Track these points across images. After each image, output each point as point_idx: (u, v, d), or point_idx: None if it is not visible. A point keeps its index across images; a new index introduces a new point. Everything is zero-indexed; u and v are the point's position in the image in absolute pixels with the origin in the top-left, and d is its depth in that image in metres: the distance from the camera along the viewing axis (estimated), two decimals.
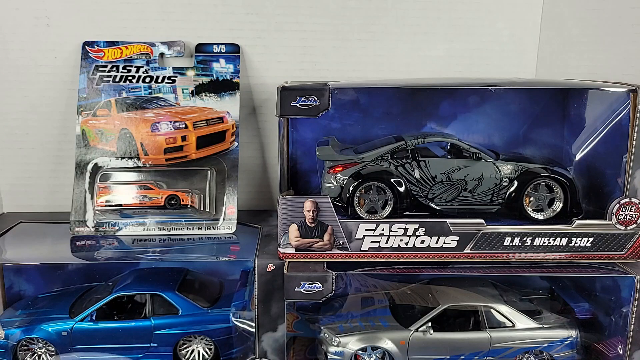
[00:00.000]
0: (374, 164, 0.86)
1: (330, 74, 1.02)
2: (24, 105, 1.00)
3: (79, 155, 0.95)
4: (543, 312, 0.92)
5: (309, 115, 0.79)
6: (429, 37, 1.03)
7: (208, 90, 0.98)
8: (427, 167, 0.86)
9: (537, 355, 0.90)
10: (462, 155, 0.87)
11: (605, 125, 0.85)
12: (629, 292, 0.82)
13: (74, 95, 0.97)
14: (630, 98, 0.78)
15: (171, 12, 0.99)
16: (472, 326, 0.89)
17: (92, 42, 0.97)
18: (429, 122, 0.96)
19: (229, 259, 0.90)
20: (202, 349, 0.92)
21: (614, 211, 0.81)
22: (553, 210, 0.85)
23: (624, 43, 0.95)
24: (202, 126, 0.95)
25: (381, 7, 1.01)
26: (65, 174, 1.00)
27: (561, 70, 1.04)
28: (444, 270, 0.83)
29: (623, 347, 0.83)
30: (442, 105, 0.95)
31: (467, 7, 1.03)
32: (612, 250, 0.82)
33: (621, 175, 0.81)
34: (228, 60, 0.98)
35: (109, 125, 0.95)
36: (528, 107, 0.96)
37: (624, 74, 0.93)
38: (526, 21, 1.04)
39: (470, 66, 1.05)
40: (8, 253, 0.90)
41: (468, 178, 0.86)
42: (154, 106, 0.96)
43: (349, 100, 0.94)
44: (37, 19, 0.97)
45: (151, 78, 0.97)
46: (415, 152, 0.87)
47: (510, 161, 0.87)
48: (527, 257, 0.83)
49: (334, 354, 0.87)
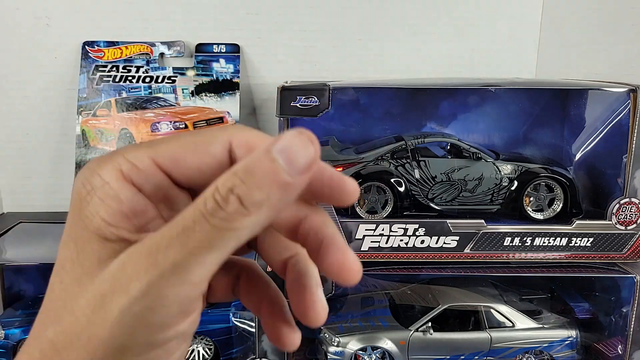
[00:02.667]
0: (374, 164, 0.86)
1: (330, 74, 1.02)
2: (24, 105, 1.00)
3: (79, 155, 0.94)
4: (543, 312, 0.91)
5: (309, 115, 0.79)
6: (429, 37, 1.03)
7: (208, 90, 0.98)
8: (427, 167, 0.86)
9: (537, 355, 0.90)
10: (462, 155, 0.87)
11: (605, 125, 0.85)
12: (629, 292, 0.82)
13: (74, 95, 0.97)
14: (630, 98, 0.78)
15: (171, 12, 0.99)
16: (472, 326, 0.89)
17: (92, 42, 0.97)
18: (429, 122, 0.96)
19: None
20: (202, 349, 0.92)
21: (614, 211, 0.81)
22: (553, 210, 0.85)
23: (624, 43, 0.95)
24: (202, 126, 0.95)
25: (381, 7, 1.01)
26: (65, 174, 1.00)
27: (561, 70, 1.04)
28: (444, 270, 0.83)
29: (623, 347, 0.83)
30: (442, 105, 0.95)
31: (467, 7, 1.03)
32: (612, 250, 0.82)
33: (621, 175, 0.81)
34: (228, 60, 0.98)
35: (109, 125, 0.95)
36: (528, 107, 0.96)
37: (624, 74, 0.93)
38: (526, 21, 1.04)
39: (470, 66, 1.05)
40: (8, 253, 0.90)
41: (468, 178, 0.86)
42: (154, 106, 0.96)
43: (349, 100, 0.94)
44: (37, 19, 0.97)
45: (151, 78, 0.97)
46: (415, 152, 0.87)
47: (510, 161, 0.87)
48: (527, 257, 0.83)
49: (334, 354, 0.87)
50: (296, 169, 0.25)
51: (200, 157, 0.27)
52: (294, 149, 0.25)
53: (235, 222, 0.24)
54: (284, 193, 0.25)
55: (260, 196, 0.24)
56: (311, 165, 0.25)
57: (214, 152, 0.28)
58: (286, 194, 0.25)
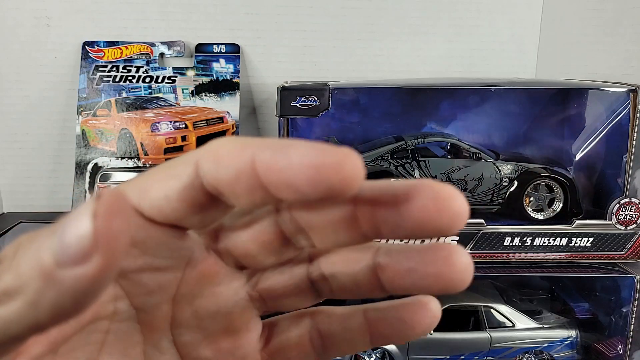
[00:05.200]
0: (374, 164, 0.86)
1: (330, 74, 1.02)
2: (24, 105, 1.00)
3: (79, 155, 0.94)
4: (543, 312, 0.91)
5: (309, 115, 0.79)
6: (429, 37, 1.03)
7: (208, 90, 0.98)
8: (427, 167, 0.86)
9: (537, 355, 0.90)
10: (462, 155, 0.87)
11: (605, 125, 0.85)
12: (629, 292, 0.82)
13: (74, 95, 0.97)
14: (630, 98, 0.79)
15: (171, 12, 0.99)
16: (472, 326, 0.89)
17: (92, 42, 0.97)
18: (429, 122, 0.96)
19: None
20: None
21: (614, 211, 0.81)
22: (553, 210, 0.85)
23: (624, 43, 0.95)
24: (202, 126, 0.95)
25: (381, 7, 1.01)
26: (65, 174, 1.00)
27: (561, 70, 1.04)
28: None
29: (623, 347, 0.83)
30: (442, 105, 0.95)
31: (467, 7, 1.03)
32: (612, 250, 0.82)
33: (621, 175, 0.81)
34: (228, 60, 0.98)
35: (109, 125, 0.95)
36: (528, 107, 0.96)
37: (624, 74, 0.93)
38: (526, 21, 1.04)
39: (470, 66, 1.05)
40: None
41: (468, 178, 0.86)
42: (154, 106, 0.96)
43: (349, 100, 0.94)
44: (37, 19, 0.97)
45: (151, 78, 0.97)
46: (415, 152, 0.87)
47: (510, 161, 0.87)
48: (527, 257, 0.83)
49: None
50: (67, 254, 0.16)
51: (166, 182, 0.22)
52: (70, 223, 0.17)
53: None
54: (47, 287, 0.17)
55: (15, 282, 0.17)
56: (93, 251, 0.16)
57: (179, 174, 0.22)
58: (53, 290, 0.17)
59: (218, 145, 0.21)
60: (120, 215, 0.16)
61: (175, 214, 0.22)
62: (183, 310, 0.25)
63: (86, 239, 0.16)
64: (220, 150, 0.21)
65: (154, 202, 0.22)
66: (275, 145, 0.20)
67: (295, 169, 0.19)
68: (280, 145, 0.19)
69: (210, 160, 0.21)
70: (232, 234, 0.25)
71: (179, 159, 0.22)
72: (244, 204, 0.21)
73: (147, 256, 0.23)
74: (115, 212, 0.16)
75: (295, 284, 0.26)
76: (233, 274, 0.26)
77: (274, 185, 0.19)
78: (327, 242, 0.23)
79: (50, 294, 0.17)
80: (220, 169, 0.20)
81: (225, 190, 0.20)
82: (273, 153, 0.19)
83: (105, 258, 0.16)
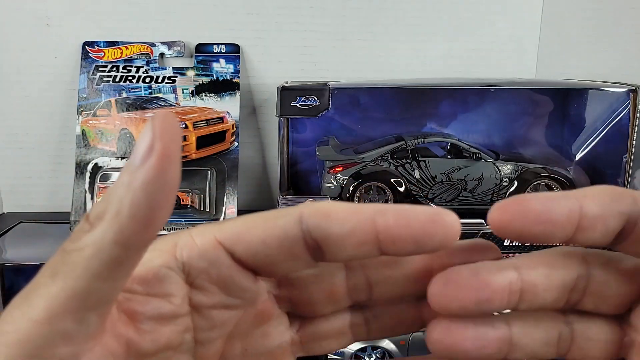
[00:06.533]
0: (374, 164, 0.86)
1: (330, 74, 1.02)
2: (24, 105, 1.00)
3: (79, 155, 0.95)
4: None
5: (309, 115, 0.79)
6: (429, 37, 1.03)
7: (208, 90, 0.98)
8: (427, 167, 0.86)
9: None
10: (462, 155, 0.87)
11: (605, 125, 0.85)
12: None
13: (74, 95, 0.97)
14: (630, 98, 0.79)
15: (171, 12, 0.99)
16: None
17: (92, 42, 0.97)
18: (429, 122, 0.96)
19: None
20: None
21: None
22: None
23: (624, 43, 0.95)
24: (202, 126, 0.95)
25: (381, 7, 1.01)
26: (65, 174, 1.00)
27: (561, 70, 1.04)
28: None
29: None
30: (442, 105, 0.95)
31: (467, 7, 1.03)
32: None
33: (621, 175, 0.81)
34: (228, 60, 0.98)
35: (109, 125, 0.95)
36: (528, 107, 0.96)
37: (624, 74, 0.93)
38: (526, 21, 1.04)
39: (470, 66, 1.05)
40: (8, 253, 0.90)
41: (468, 178, 0.86)
42: (154, 106, 0.96)
43: (349, 100, 0.94)
44: (37, 19, 0.97)
45: (151, 78, 0.97)
46: (415, 152, 0.87)
47: (510, 161, 0.87)
48: None
49: (334, 354, 0.87)
50: (138, 156, 0.20)
51: (266, 229, 0.24)
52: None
53: (76, 241, 0.21)
54: (126, 193, 0.20)
55: (104, 206, 0.21)
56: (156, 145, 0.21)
57: (281, 224, 0.24)
58: (130, 192, 0.20)
59: (326, 205, 0.24)
60: (170, 122, 0.21)
61: (267, 260, 0.24)
62: (234, 346, 0.27)
63: (148, 139, 0.20)
64: (332, 209, 0.24)
65: (251, 245, 0.24)
66: (388, 206, 0.23)
67: (414, 225, 0.23)
68: (393, 206, 0.23)
69: (319, 216, 0.23)
70: (298, 283, 0.27)
71: (277, 211, 0.25)
72: (345, 256, 0.23)
73: (224, 294, 0.25)
74: (166, 121, 0.20)
75: (339, 328, 0.28)
76: (282, 317, 0.28)
77: (392, 239, 0.23)
78: (386, 295, 0.27)
79: (129, 196, 0.20)
80: (334, 224, 0.23)
81: (334, 242, 0.23)
82: (393, 211, 0.23)
83: (163, 147, 0.20)
